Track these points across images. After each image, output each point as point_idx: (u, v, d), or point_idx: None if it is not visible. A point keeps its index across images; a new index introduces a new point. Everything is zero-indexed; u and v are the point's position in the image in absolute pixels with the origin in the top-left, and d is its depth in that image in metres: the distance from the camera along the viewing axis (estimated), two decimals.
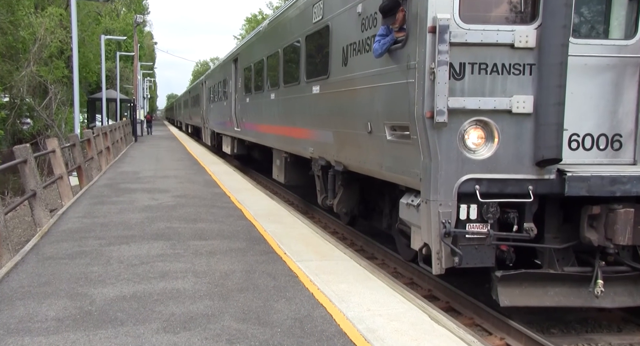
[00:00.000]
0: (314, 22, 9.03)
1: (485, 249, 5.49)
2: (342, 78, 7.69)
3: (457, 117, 5.33)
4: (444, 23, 5.16)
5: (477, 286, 6.85)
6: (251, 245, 7.21)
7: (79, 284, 5.52)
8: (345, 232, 10.41)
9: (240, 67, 17.20)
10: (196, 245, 7.13)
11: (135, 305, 4.97)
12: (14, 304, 4.95)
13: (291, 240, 7.49)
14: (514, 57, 5.34)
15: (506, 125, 5.39)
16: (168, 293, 5.30)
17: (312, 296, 5.25)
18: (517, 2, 5.50)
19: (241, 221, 8.75)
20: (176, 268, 6.12)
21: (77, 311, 4.78)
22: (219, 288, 5.47)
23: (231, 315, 4.77)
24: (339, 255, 6.84)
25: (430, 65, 5.25)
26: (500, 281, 5.56)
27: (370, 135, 6.83)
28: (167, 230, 8.02)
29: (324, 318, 4.73)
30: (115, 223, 8.42)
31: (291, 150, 11.36)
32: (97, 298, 5.12)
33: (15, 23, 27.71)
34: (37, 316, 4.66)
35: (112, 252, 6.76)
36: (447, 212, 5.38)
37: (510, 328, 5.90)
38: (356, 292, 5.42)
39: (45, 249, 6.88)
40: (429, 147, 5.43)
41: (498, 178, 5.42)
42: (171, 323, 4.55)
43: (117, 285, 5.52)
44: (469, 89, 5.33)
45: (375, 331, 4.49)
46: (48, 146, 11.59)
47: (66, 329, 4.41)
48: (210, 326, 4.52)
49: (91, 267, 6.10)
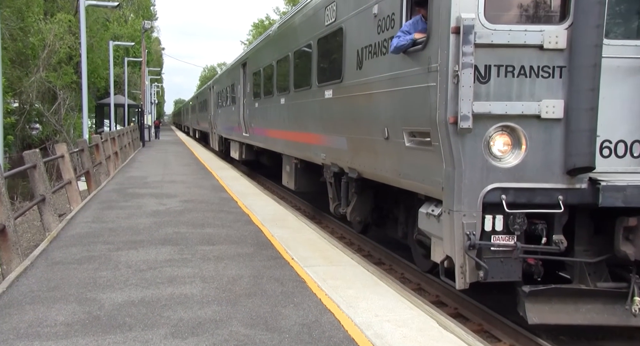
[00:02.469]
0: (326, 24, 8.85)
1: (511, 262, 5.19)
2: (357, 82, 7.48)
3: (482, 122, 5.07)
4: (469, 23, 4.90)
5: (485, 292, 6.82)
6: (259, 250, 7.22)
7: (88, 289, 5.54)
8: (353, 237, 10.40)
9: (248, 72, 17.06)
10: (204, 250, 7.14)
11: (144, 310, 4.98)
12: (23, 308, 4.97)
13: (299, 245, 7.49)
14: (543, 59, 5.06)
15: (534, 131, 5.11)
16: (176, 298, 5.31)
17: (319, 302, 5.24)
18: (546, 0, 5.22)
19: (248, 226, 8.76)
20: (184, 273, 6.13)
21: (86, 316, 4.80)
22: (227, 293, 5.47)
23: (239, 320, 4.77)
24: (347, 261, 6.83)
25: (453, 68, 5.00)
26: (528, 297, 5.23)
27: (387, 141, 6.60)
28: (175, 235, 8.04)
29: (331, 323, 4.72)
30: (123, 228, 8.45)
31: (302, 156, 11.17)
32: (105, 303, 5.14)
33: (25, 29, 28.01)
34: (47, 321, 4.68)
35: (121, 256, 6.78)
36: (471, 223, 5.10)
37: (519, 335, 5.86)
38: (364, 298, 5.41)
39: (54, 254, 6.91)
40: (452, 154, 5.17)
41: (526, 188, 5.14)
42: (179, 329, 4.56)
43: (126, 290, 5.53)
44: (495, 93, 5.07)
45: (384, 337, 4.48)
46: (57, 151, 11.66)
47: (75, 334, 4.42)
48: (219, 331, 4.52)
49: (100, 272, 6.12)
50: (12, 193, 18.96)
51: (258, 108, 15.28)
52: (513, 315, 6.21)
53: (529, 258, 5.30)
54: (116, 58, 40.35)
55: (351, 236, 10.49)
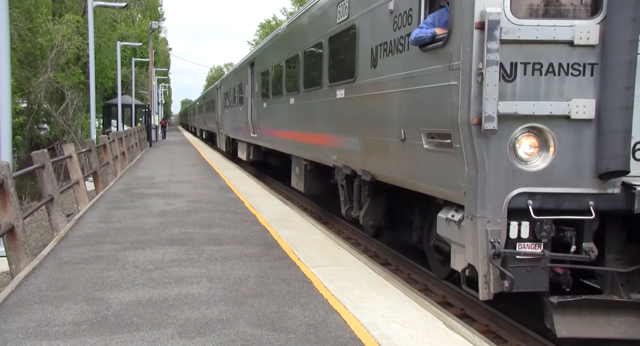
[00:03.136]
0: (338, 22, 8.63)
1: (538, 272, 4.92)
2: (371, 81, 7.22)
3: (507, 123, 4.81)
4: (494, 18, 4.64)
5: None
6: (265, 250, 7.24)
7: (96, 289, 5.57)
8: (360, 238, 10.40)
9: (257, 71, 16.76)
10: (211, 250, 7.16)
11: (151, 309, 5.00)
12: (32, 308, 5.01)
13: (305, 246, 7.50)
14: (573, 56, 4.78)
15: (563, 133, 4.84)
16: (183, 298, 5.33)
17: (326, 302, 5.25)
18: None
19: (255, 226, 8.78)
20: (191, 273, 6.16)
21: (94, 316, 4.83)
22: (234, 293, 5.49)
23: (246, 320, 4.79)
24: (353, 261, 6.84)
25: (477, 66, 4.74)
26: (556, 308, 4.92)
27: (404, 142, 6.34)
28: (182, 235, 8.07)
29: (338, 324, 4.72)
30: (130, 228, 8.49)
31: (312, 157, 10.91)
32: (113, 302, 5.17)
33: (33, 30, 28.21)
34: (55, 320, 4.71)
35: (128, 256, 6.82)
36: (496, 230, 4.85)
37: (526, 336, 5.85)
38: (370, 298, 5.41)
39: (62, 254, 6.96)
40: (475, 157, 4.91)
41: (554, 193, 4.87)
42: (186, 328, 4.58)
43: (133, 289, 5.56)
44: (521, 92, 4.81)
45: (390, 337, 4.48)
46: (65, 151, 11.73)
47: (83, 333, 4.45)
48: (225, 331, 4.54)
49: (107, 272, 6.15)
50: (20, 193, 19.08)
51: (266, 109, 15.05)
52: (519, 315, 6.21)
53: (556, 267, 5.03)
54: (123, 58, 40.54)
55: (358, 237, 10.49)
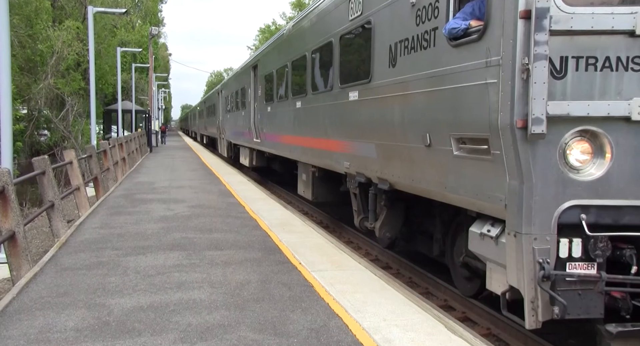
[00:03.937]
0: (350, 19, 8.08)
1: (592, 296, 4.37)
2: (390, 81, 6.65)
3: (556, 126, 4.27)
4: (543, 5, 4.09)
5: (492, 296, 6.80)
6: (266, 255, 7.24)
7: (97, 295, 5.57)
8: (360, 241, 10.41)
9: (260, 74, 16.14)
10: (212, 255, 7.17)
11: (152, 315, 5.00)
12: (33, 314, 5.01)
13: (306, 250, 7.50)
14: (634, 48, 4.20)
15: (622, 137, 4.29)
16: (184, 303, 5.33)
17: (327, 307, 5.25)
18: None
19: (256, 231, 8.79)
20: (192, 278, 6.16)
21: (95, 322, 4.83)
22: (235, 298, 5.49)
23: (247, 325, 4.78)
24: (354, 265, 6.84)
25: (522, 61, 4.18)
26: (615, 339, 4.34)
27: (429, 148, 5.78)
28: (183, 240, 8.07)
29: (340, 328, 4.72)
30: (131, 234, 8.49)
31: (320, 163, 10.30)
32: (114, 308, 5.17)
33: (33, 36, 28.26)
34: (56, 327, 4.71)
35: (129, 262, 6.82)
36: (544, 248, 4.32)
37: (528, 339, 5.84)
38: (372, 302, 5.41)
39: (63, 260, 6.96)
40: (519, 165, 4.35)
41: (611, 205, 4.35)
42: (188, 334, 4.58)
43: (134, 295, 5.56)
44: (573, 91, 4.26)
45: (392, 341, 4.48)
46: (65, 157, 11.74)
47: (85, 339, 4.45)
48: (227, 336, 4.54)
49: (108, 278, 6.16)
50: (21, 199, 19.10)
51: (270, 113, 14.49)
52: (521, 318, 6.20)
53: (613, 291, 4.47)
54: (123, 64, 40.59)
55: (358, 240, 10.49)
